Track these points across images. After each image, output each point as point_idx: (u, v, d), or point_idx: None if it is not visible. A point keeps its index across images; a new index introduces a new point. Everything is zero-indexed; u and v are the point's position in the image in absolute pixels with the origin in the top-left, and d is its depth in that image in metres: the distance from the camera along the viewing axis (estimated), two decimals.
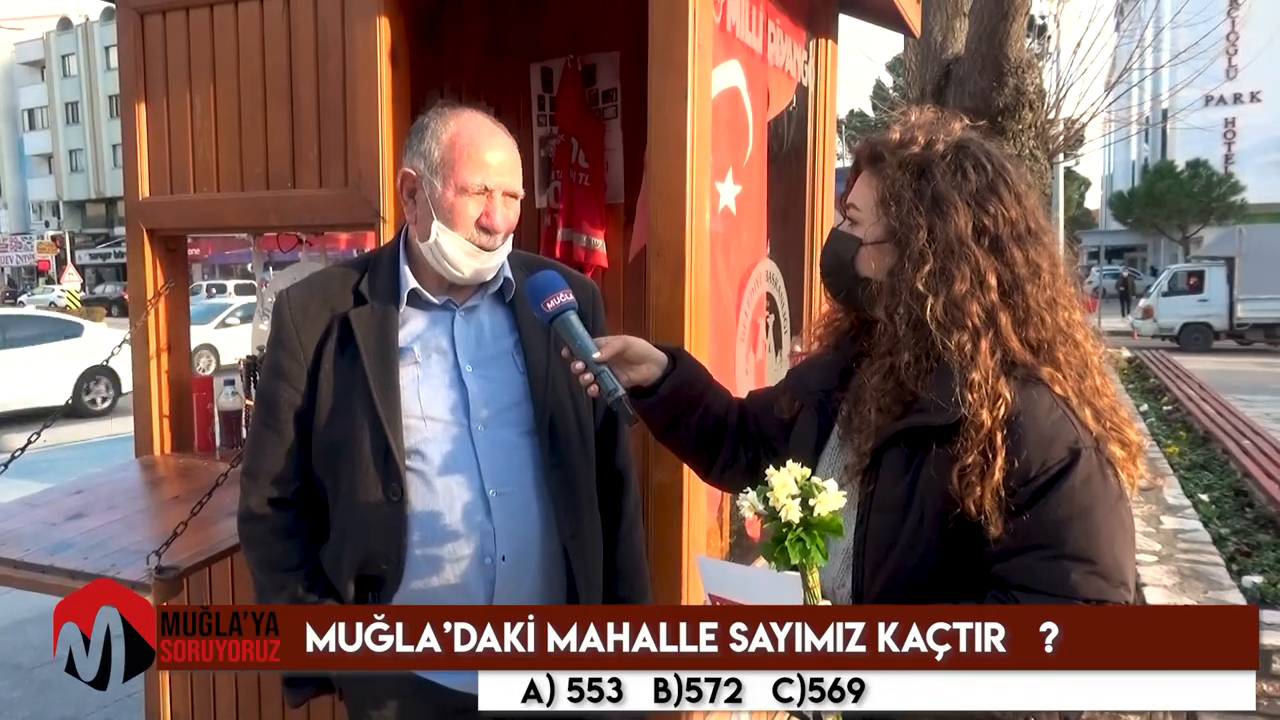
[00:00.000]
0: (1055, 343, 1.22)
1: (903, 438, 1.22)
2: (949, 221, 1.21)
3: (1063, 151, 11.10)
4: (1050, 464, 1.14)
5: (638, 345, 1.47)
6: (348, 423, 1.50)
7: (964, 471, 1.14)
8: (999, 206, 1.23)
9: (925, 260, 1.21)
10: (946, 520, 1.16)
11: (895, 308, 1.24)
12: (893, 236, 1.26)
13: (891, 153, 1.28)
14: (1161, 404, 8.77)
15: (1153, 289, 22.29)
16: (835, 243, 1.36)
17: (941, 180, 1.23)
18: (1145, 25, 13.14)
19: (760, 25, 2.49)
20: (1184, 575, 3.82)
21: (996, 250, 1.22)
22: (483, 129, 1.53)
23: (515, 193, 1.55)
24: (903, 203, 1.24)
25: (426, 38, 2.94)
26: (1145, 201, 35.21)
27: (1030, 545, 1.13)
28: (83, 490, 2.34)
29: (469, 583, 1.51)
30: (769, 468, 1.12)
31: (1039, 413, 1.16)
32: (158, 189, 2.54)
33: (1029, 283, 1.22)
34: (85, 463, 6.57)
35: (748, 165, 2.41)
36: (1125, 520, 1.16)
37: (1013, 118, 5.78)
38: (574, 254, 3.23)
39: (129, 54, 2.54)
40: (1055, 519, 1.13)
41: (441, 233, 1.50)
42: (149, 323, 2.59)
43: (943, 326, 1.19)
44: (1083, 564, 1.11)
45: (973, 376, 1.16)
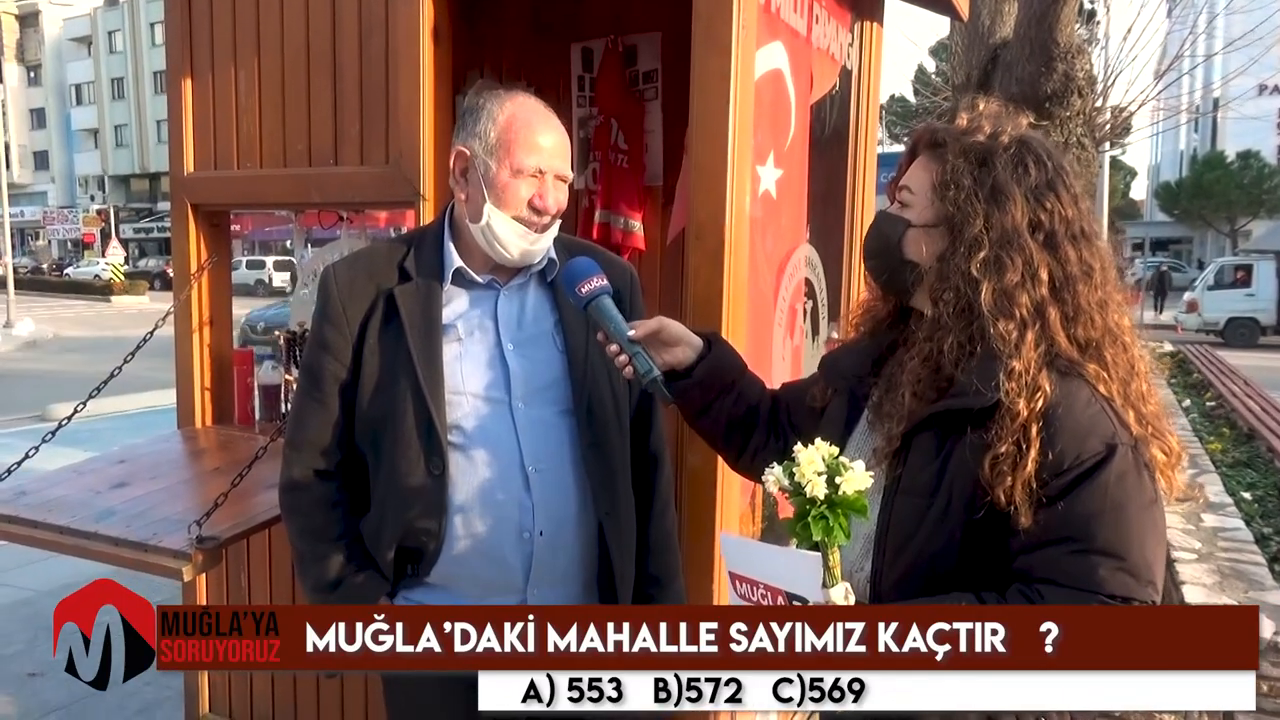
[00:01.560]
0: (1104, 343, 1.21)
1: (936, 421, 1.21)
2: (1006, 212, 1.21)
3: (1109, 140, 10.88)
4: (1085, 457, 1.12)
5: (672, 327, 1.48)
6: (391, 396, 1.52)
7: (997, 460, 1.13)
8: (1056, 204, 1.23)
9: (980, 247, 1.21)
10: (975, 508, 1.15)
11: (943, 292, 1.23)
12: (946, 221, 1.25)
13: (955, 139, 1.27)
14: (1204, 399, 8.60)
15: (1198, 282, 21.84)
16: (882, 224, 1.34)
17: (1002, 171, 1.23)
18: (1199, 12, 12.81)
19: (805, 7, 2.46)
20: (1224, 574, 3.75)
21: (1051, 246, 1.21)
22: (538, 112, 1.56)
23: (566, 176, 1.57)
24: (961, 189, 1.23)
25: (468, 17, 2.93)
26: (1193, 192, 34.46)
27: (1058, 538, 1.12)
28: (126, 460, 2.39)
29: (506, 556, 1.53)
30: (797, 444, 1.12)
31: (1076, 406, 1.14)
32: (202, 164, 2.57)
33: (1081, 281, 1.21)
34: (127, 433, 6.71)
35: (789, 149, 2.39)
36: (1158, 522, 1.14)
37: (1060, 104, 5.67)
38: (611, 235, 3.22)
39: (175, 30, 2.56)
40: (1086, 512, 1.11)
41: (494, 214, 1.52)
42: (192, 296, 2.62)
43: (991, 314, 1.18)
44: (1111, 559, 1.10)
45: (1014, 365, 1.15)
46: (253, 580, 2.72)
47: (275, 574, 2.67)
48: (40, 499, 2.10)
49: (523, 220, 1.52)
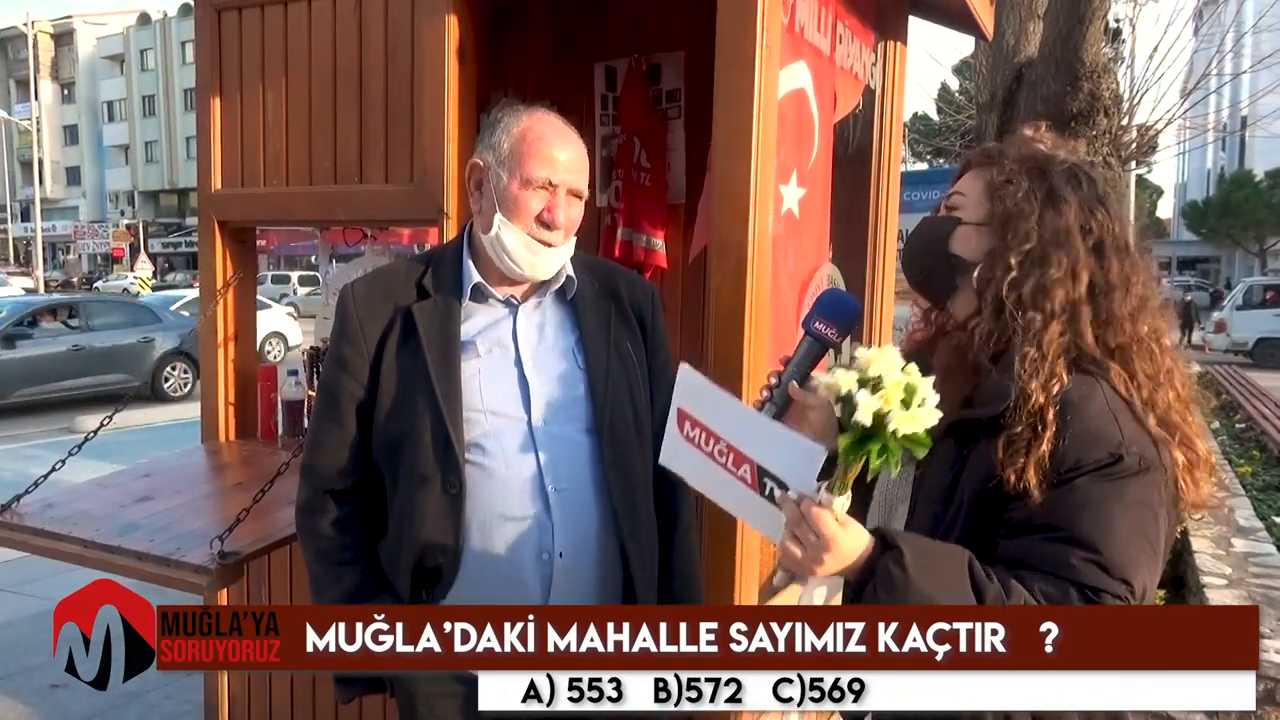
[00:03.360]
0: (1131, 349, 1.22)
1: (953, 431, 1.21)
2: (1060, 214, 1.24)
3: (1135, 159, 10.78)
4: (1085, 464, 1.13)
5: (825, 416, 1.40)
6: (409, 415, 1.50)
7: (1011, 440, 1.14)
8: (1105, 217, 1.26)
9: (1028, 240, 1.23)
10: (979, 505, 1.17)
11: (988, 282, 1.25)
12: (999, 219, 1.27)
13: (1013, 149, 1.31)
14: (1234, 421, 8.48)
15: (1226, 302, 21.57)
16: (928, 225, 1.37)
17: (1058, 178, 1.27)
18: (1226, 30, 12.71)
19: (829, 26, 2.46)
20: (1254, 600, 3.68)
21: (1098, 252, 1.24)
22: (553, 126, 1.55)
23: (580, 192, 1.56)
24: (1018, 188, 1.26)
25: (492, 37, 2.96)
26: (1220, 211, 34.09)
27: (1040, 525, 1.13)
28: (151, 474, 2.41)
29: (525, 578, 1.51)
30: (860, 350, 1.06)
31: (1090, 409, 1.15)
32: (229, 181, 2.60)
33: (1118, 290, 1.23)
34: (152, 446, 6.78)
35: (812, 168, 2.38)
36: (1148, 530, 1.13)
37: (1086, 123, 5.62)
38: (634, 254, 3.22)
39: (205, 49, 2.60)
40: (1070, 504, 1.12)
41: (503, 225, 1.51)
42: (217, 312, 2.65)
43: (1025, 303, 1.21)
44: (1085, 550, 1.10)
45: (1029, 351, 1.17)
46: (274, 595, 2.73)
47: (296, 589, 2.68)
48: (66, 512, 2.12)
49: (532, 234, 1.51)
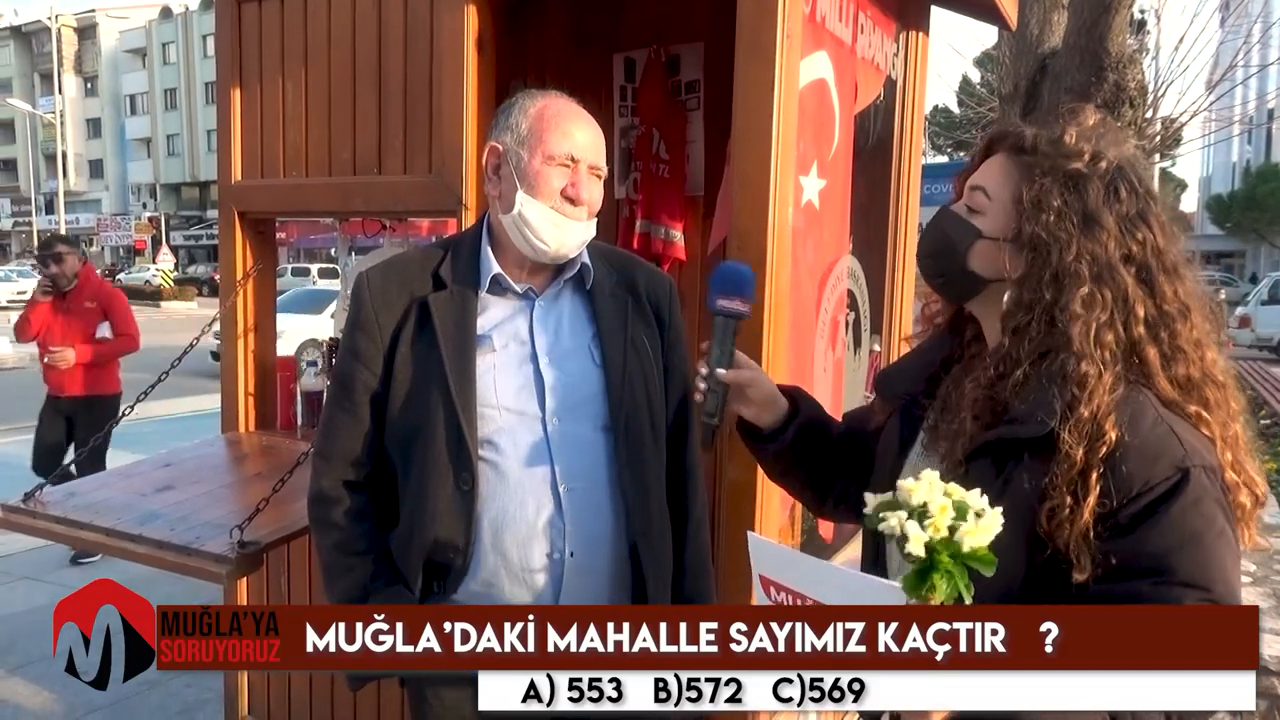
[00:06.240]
0: (1204, 384, 1.14)
1: (991, 450, 1.16)
2: (1099, 242, 1.14)
3: (1159, 151, 10.66)
4: (1154, 483, 1.06)
5: (764, 387, 1.43)
6: (422, 408, 1.49)
7: (1053, 512, 1.08)
8: (1148, 234, 1.15)
9: (1080, 281, 1.12)
10: (1035, 545, 1.09)
11: (1026, 323, 1.15)
12: (1030, 243, 1.17)
13: (1049, 154, 1.18)
14: (1259, 417, 8.38)
15: (1251, 297, 21.30)
16: (946, 225, 1.25)
17: (1094, 196, 1.15)
18: (1253, 21, 12.53)
19: (850, 16, 2.44)
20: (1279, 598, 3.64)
21: (1146, 281, 1.14)
22: (570, 105, 1.55)
23: (600, 170, 1.55)
24: (1048, 210, 1.15)
25: (511, 27, 2.95)
26: (1246, 205, 33.65)
27: (1139, 570, 1.06)
28: (171, 464, 2.43)
29: (535, 577, 1.49)
30: (900, 482, 1.04)
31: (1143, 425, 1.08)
32: (249, 173, 2.61)
33: (1178, 320, 1.14)
34: (173, 436, 6.83)
35: (833, 160, 2.36)
36: (1234, 545, 1.09)
37: (1111, 115, 5.55)
38: (652, 245, 3.21)
39: (225, 42, 2.61)
40: (1163, 546, 1.05)
41: (526, 202, 1.50)
42: (237, 303, 2.66)
43: (1078, 353, 1.11)
44: (1197, 590, 1.05)
45: (1083, 412, 1.08)
46: (293, 584, 2.75)
47: (315, 579, 2.69)
48: (88, 500, 2.15)
49: (557, 209, 1.50)
